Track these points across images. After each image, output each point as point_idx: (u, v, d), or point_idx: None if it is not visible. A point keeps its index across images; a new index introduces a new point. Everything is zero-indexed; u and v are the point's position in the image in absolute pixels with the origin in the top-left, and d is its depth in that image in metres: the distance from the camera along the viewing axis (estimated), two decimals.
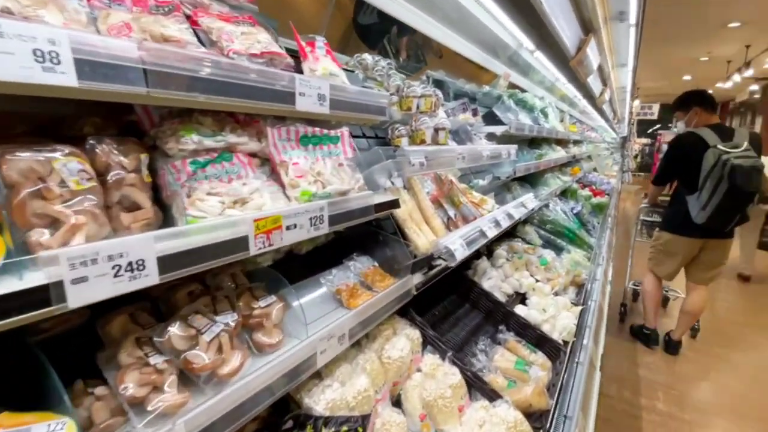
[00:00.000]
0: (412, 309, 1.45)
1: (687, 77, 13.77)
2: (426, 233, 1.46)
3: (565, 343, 1.79)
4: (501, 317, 1.82)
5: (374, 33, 3.53)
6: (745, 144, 2.75)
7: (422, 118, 1.74)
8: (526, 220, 3.50)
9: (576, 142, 6.90)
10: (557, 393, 1.41)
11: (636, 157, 19.29)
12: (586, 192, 5.41)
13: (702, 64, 11.41)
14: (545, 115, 4.22)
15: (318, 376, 1.03)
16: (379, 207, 1.18)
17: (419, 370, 1.29)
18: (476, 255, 2.27)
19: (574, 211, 4.11)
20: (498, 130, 2.65)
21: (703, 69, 11.91)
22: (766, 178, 2.81)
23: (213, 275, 0.94)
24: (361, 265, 1.33)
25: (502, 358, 1.52)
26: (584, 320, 2.09)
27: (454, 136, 2.29)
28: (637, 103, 16.74)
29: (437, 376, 1.23)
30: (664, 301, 4.21)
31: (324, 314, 1.06)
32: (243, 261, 1.02)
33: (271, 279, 0.98)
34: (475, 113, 2.71)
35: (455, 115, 2.46)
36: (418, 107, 1.89)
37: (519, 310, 1.82)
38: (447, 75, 2.98)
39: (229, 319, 0.83)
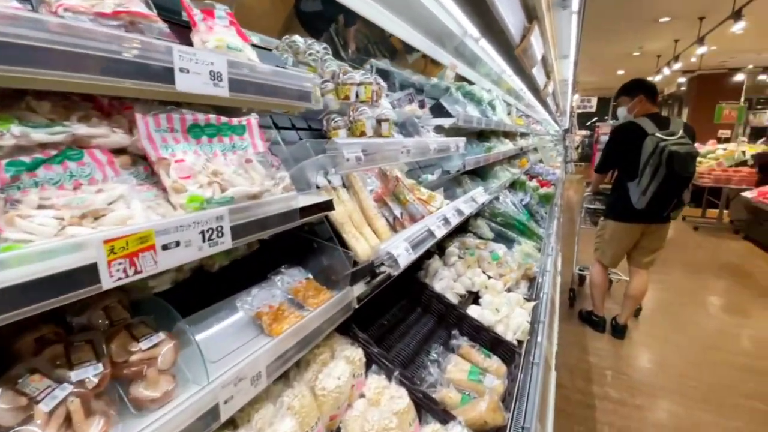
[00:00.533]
0: (354, 324, 1.28)
1: (621, 71, 14.68)
2: (368, 237, 1.30)
3: (520, 342, 1.71)
4: (454, 320, 1.70)
5: (319, 21, 3.29)
6: (681, 132, 2.92)
7: (361, 108, 1.56)
8: (477, 214, 3.45)
9: (523, 135, 7.06)
10: (513, 403, 1.30)
11: (577, 148, 20.39)
12: (534, 183, 5.53)
13: (634, 59, 12.19)
14: (493, 108, 4.20)
15: (231, 424, 0.83)
16: (306, 211, 0.99)
17: (362, 396, 1.12)
18: (428, 254, 2.14)
19: (524, 203, 4.14)
20: (446, 122, 2.53)
21: (635, 63, 12.72)
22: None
23: (75, 312, 0.72)
24: (290, 279, 1.14)
25: (455, 369, 1.39)
26: (537, 315, 2.04)
27: (401, 129, 2.14)
28: (577, 96, 17.65)
29: (382, 402, 1.07)
30: (608, 284, 4.35)
31: (237, 347, 0.86)
32: (123, 288, 0.80)
33: (160, 310, 0.76)
34: (422, 105, 2.58)
35: (401, 106, 2.32)
36: (357, 96, 1.72)
37: (472, 311, 1.71)
38: (393, 65, 2.83)
39: (89, 373, 0.62)
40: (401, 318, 1.69)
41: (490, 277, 2.09)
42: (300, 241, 1.26)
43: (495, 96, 4.38)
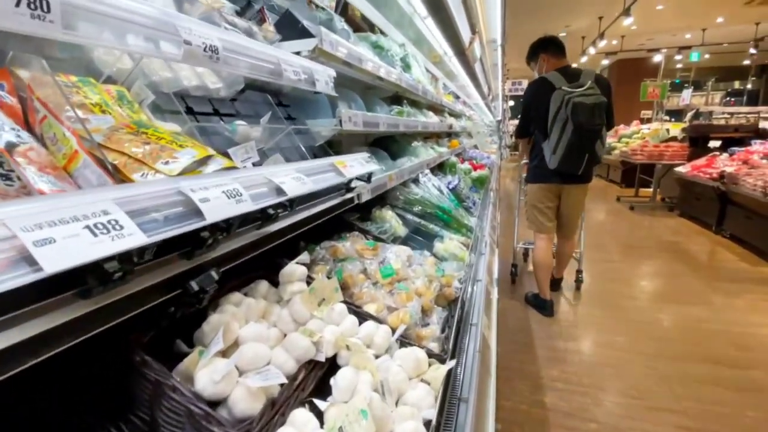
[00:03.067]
0: None
1: None
2: None
3: None
4: None
5: None
6: (589, 83, 2.72)
7: None
8: (383, 202, 2.45)
9: (453, 114, 6.25)
10: None
11: (512, 136, 20.50)
12: (466, 166, 4.69)
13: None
14: (407, 66, 3.21)
15: None
16: None
17: None
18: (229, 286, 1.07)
19: (451, 186, 3.23)
20: (304, 46, 1.46)
21: None
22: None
23: None
24: None
25: None
26: (455, 389, 1.05)
27: None
28: (508, 83, 17.58)
29: None
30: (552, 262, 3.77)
31: None
32: None
33: None
34: (262, 18, 1.50)
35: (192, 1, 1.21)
36: None
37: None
38: None
39: None
40: None
41: (364, 318, 1.07)
42: None
43: (410, 53, 3.41)
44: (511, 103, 24.25)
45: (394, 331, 1.08)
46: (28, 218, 0.42)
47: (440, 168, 4.18)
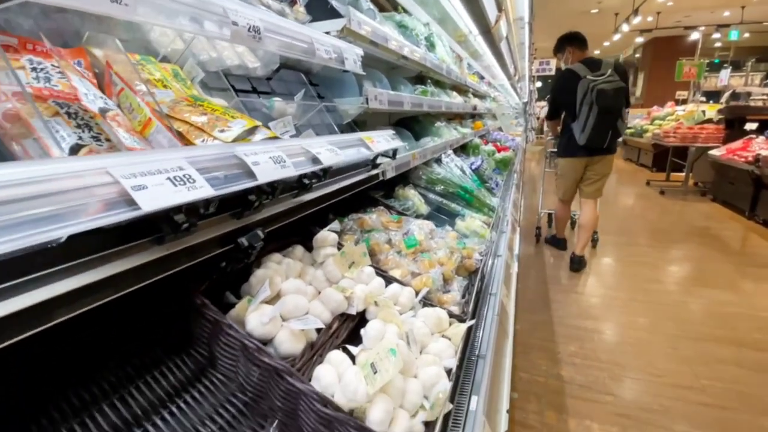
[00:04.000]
0: None
1: None
2: None
3: (429, 425, 0.80)
4: (281, 403, 0.76)
5: None
6: (610, 71, 3.27)
7: None
8: (407, 181, 2.52)
9: (478, 95, 6.18)
10: None
11: (538, 118, 19.95)
12: (490, 147, 4.66)
13: (592, 18, 11.54)
14: (432, 46, 3.22)
15: None
16: None
17: None
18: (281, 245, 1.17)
19: (474, 167, 3.25)
20: (333, 26, 1.52)
21: (593, 23, 12.10)
22: None
23: None
24: None
25: None
26: (474, 346, 1.13)
27: None
28: (536, 63, 17.02)
29: None
30: (572, 224, 4.81)
31: None
32: None
33: None
34: (293, 0, 1.57)
35: None
36: None
37: (325, 375, 0.77)
38: None
39: None
40: (153, 404, 0.72)
41: (390, 281, 1.16)
42: None
43: (434, 32, 3.40)
44: (539, 84, 23.50)
45: (417, 293, 1.17)
46: (126, 168, 0.51)
47: (463, 149, 4.19)
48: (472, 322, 1.10)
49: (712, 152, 6.29)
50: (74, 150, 0.57)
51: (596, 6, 10.17)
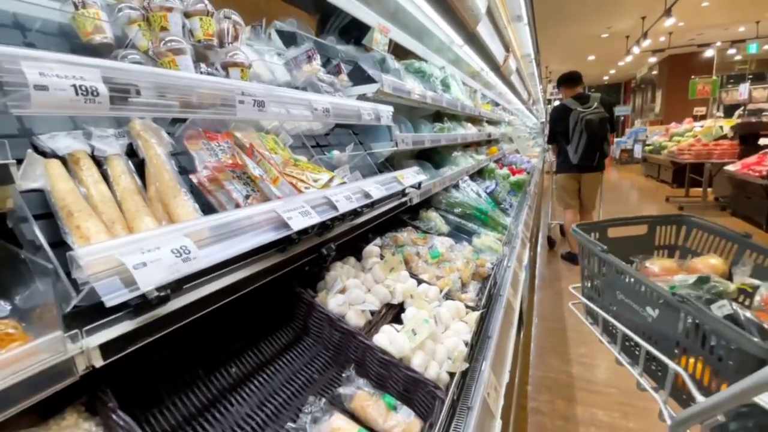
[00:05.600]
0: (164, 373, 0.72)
1: (591, 57, 14.46)
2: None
3: (452, 376, 1.18)
4: (354, 355, 1.16)
5: None
6: (596, 104, 4.22)
7: (169, 37, 1.02)
8: (429, 205, 2.93)
9: (492, 122, 6.60)
10: None
11: None
12: (505, 171, 5.04)
13: (604, 42, 11.92)
14: (447, 87, 3.70)
15: None
16: None
17: None
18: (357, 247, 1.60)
19: (488, 190, 3.64)
20: (369, 89, 2.00)
21: (605, 47, 12.48)
22: None
23: None
24: None
25: None
26: (485, 329, 1.51)
27: None
28: (551, 86, 17.40)
29: None
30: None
31: None
32: None
33: None
34: (338, 70, 2.06)
35: (298, 66, 1.78)
36: (189, 31, 1.18)
37: (381, 337, 1.17)
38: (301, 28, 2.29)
39: None
40: (271, 357, 1.14)
41: (420, 282, 1.56)
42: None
43: (449, 74, 3.88)
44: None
45: (441, 291, 1.56)
46: (280, 208, 0.95)
47: (480, 173, 4.59)
48: (484, 310, 1.48)
49: (728, 167, 6.45)
50: (246, 197, 1.01)
51: (606, 30, 10.57)
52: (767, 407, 0.74)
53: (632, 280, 1.02)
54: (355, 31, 2.70)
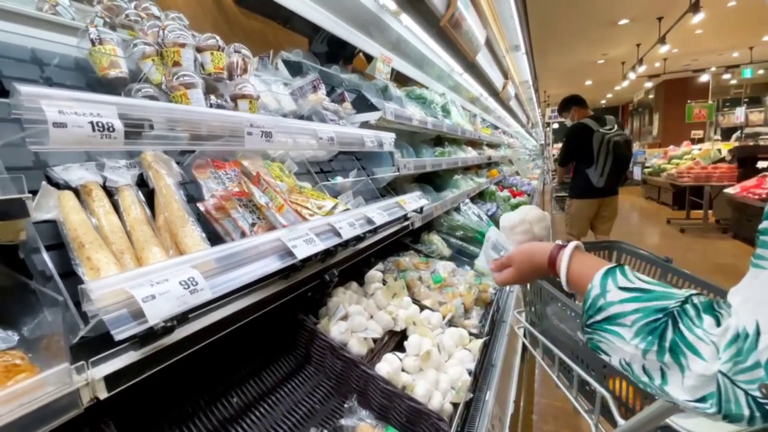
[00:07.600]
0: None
1: (588, 82, 14.76)
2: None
3: (456, 406, 1.16)
4: (356, 384, 1.15)
5: None
6: (615, 126, 4.02)
7: (182, 72, 1.06)
8: (431, 227, 2.94)
9: (492, 145, 6.69)
10: None
11: (555, 160, 20.31)
12: (505, 193, 5.08)
13: (600, 68, 12.21)
14: (447, 113, 3.77)
15: None
16: None
17: None
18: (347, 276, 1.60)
19: (489, 213, 3.66)
20: (372, 117, 2.05)
21: (601, 72, 12.76)
22: None
23: None
24: None
25: None
26: (489, 357, 1.49)
27: None
28: (549, 110, 17.70)
29: None
30: None
31: None
32: None
33: None
34: (342, 99, 2.11)
35: (303, 95, 1.83)
36: (201, 65, 1.23)
37: (383, 366, 1.16)
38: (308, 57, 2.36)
39: None
40: (272, 386, 1.13)
41: (423, 308, 1.56)
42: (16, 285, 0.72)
43: (449, 100, 3.97)
44: (555, 125, 24.15)
45: (444, 318, 1.55)
46: (286, 236, 0.96)
47: (480, 196, 4.62)
48: (487, 338, 1.47)
49: (728, 190, 6.49)
50: (252, 225, 1.03)
51: (602, 57, 10.85)
52: (679, 429, 0.79)
53: (561, 305, 1.04)
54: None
